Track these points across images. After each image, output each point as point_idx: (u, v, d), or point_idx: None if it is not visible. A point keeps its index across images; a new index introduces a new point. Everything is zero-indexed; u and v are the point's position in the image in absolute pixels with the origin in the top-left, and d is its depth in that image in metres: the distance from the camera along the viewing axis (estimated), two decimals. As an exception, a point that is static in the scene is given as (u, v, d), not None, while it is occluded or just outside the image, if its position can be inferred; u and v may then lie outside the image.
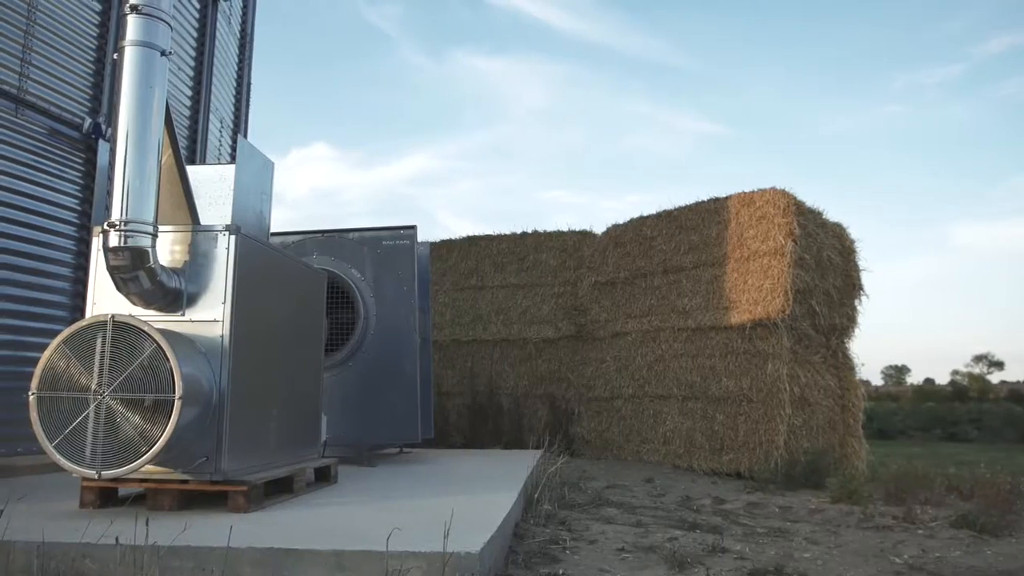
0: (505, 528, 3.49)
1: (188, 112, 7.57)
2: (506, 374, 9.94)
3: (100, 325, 3.38)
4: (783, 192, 7.64)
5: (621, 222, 9.48)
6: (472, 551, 2.66)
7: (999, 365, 55.63)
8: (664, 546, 3.81)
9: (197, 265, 3.76)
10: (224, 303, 3.69)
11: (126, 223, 3.43)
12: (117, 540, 2.60)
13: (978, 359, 55.69)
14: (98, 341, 3.35)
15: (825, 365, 7.84)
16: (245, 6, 9.47)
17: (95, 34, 6.12)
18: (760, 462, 7.07)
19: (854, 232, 8.26)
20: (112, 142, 3.55)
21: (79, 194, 5.97)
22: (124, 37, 3.56)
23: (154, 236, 3.52)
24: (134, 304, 3.62)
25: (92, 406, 3.30)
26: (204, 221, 4.05)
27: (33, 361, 3.46)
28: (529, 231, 10.32)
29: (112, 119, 3.99)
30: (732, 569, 3.39)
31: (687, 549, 3.74)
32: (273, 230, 5.15)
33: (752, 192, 7.93)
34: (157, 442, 3.29)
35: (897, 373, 65.62)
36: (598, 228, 9.93)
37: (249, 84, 9.49)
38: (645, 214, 9.14)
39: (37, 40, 5.52)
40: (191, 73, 7.63)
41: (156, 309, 3.67)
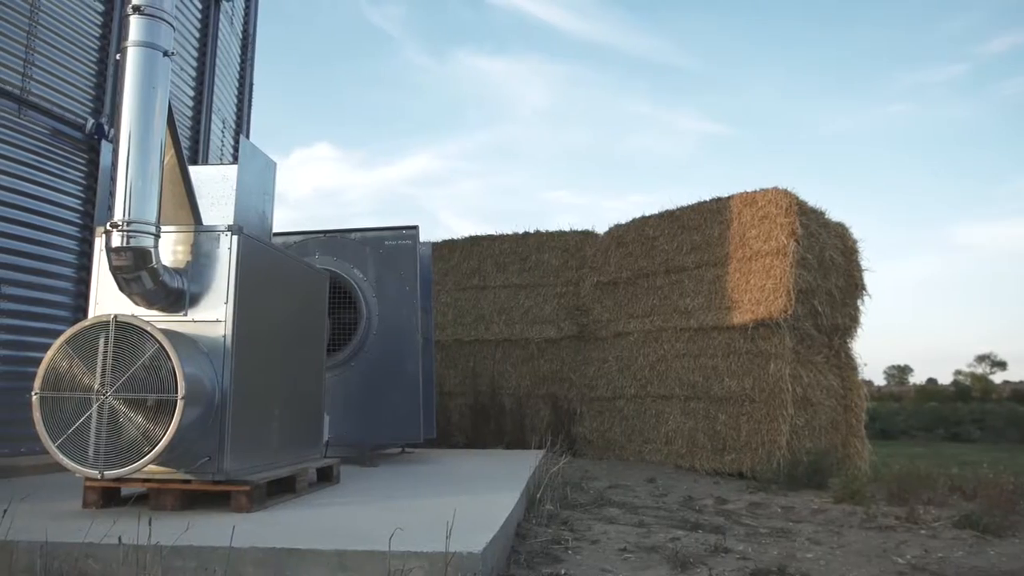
0: (507, 528, 3.49)
1: (190, 112, 7.58)
2: (508, 374, 9.93)
3: (103, 325, 3.38)
4: (785, 192, 7.63)
5: (623, 222, 9.48)
6: (474, 551, 2.66)
7: (1002, 365, 55.63)
8: (666, 546, 3.80)
9: (199, 265, 3.77)
10: (226, 303, 3.70)
11: (129, 223, 3.43)
12: (120, 540, 2.61)
13: (981, 359, 55.67)
14: (101, 341, 3.36)
15: (828, 365, 7.83)
16: (247, 6, 9.48)
17: (98, 35, 6.13)
18: (762, 462, 7.06)
19: (857, 232, 8.29)
20: (115, 143, 3.56)
21: (82, 194, 5.98)
22: (127, 37, 3.57)
23: (157, 236, 3.52)
24: (137, 304, 3.63)
25: (95, 406, 3.30)
26: (206, 221, 4.05)
27: (36, 361, 3.47)
28: (531, 231, 10.32)
29: (115, 120, 4.00)
30: (735, 569, 3.39)
31: (689, 549, 3.74)
32: (275, 230, 5.16)
33: (754, 192, 7.92)
34: (160, 442, 3.29)
35: (900, 373, 65.61)
36: (600, 228, 9.94)
37: (251, 84, 9.50)
38: (647, 214, 9.15)
39: (40, 41, 5.53)
40: (193, 73, 7.64)
41: (159, 309, 3.68)
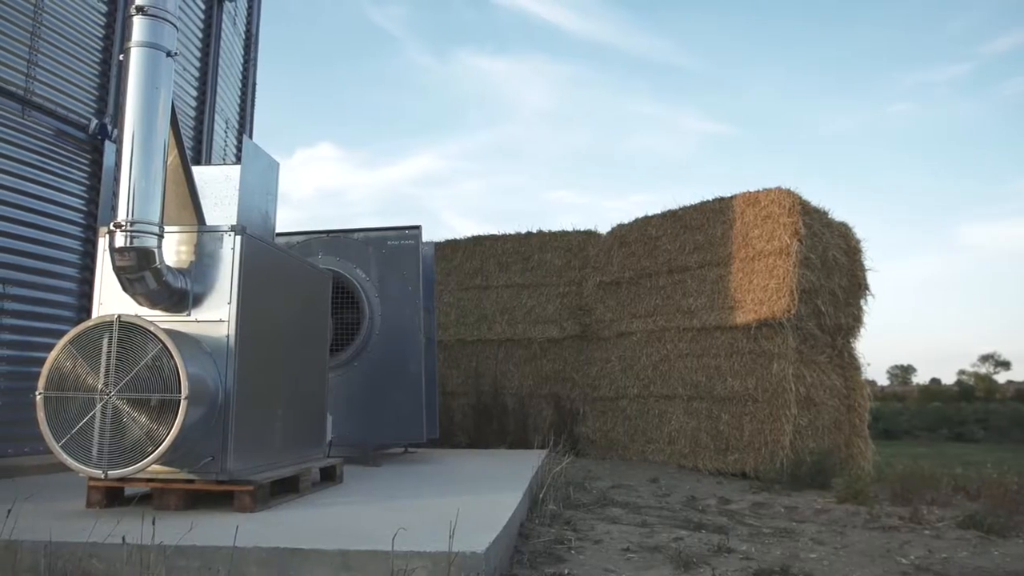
0: (510, 528, 3.49)
1: (194, 113, 7.59)
2: (511, 374, 9.93)
3: (106, 325, 3.39)
4: (788, 191, 7.62)
5: (626, 222, 9.48)
6: (477, 551, 2.66)
7: (1006, 365, 55.64)
8: (669, 546, 3.80)
9: (203, 265, 3.77)
10: (230, 303, 3.70)
11: (132, 224, 3.44)
12: (124, 540, 2.61)
13: (984, 359, 55.69)
14: (104, 341, 3.36)
15: (831, 365, 7.82)
16: (250, 7, 9.49)
17: (101, 35, 6.14)
18: (765, 462, 7.05)
19: (860, 231, 8.25)
20: (118, 143, 3.56)
21: (85, 195, 5.99)
22: (130, 38, 3.58)
23: (160, 236, 3.53)
24: (140, 304, 3.64)
25: (99, 406, 3.31)
26: (210, 221, 4.06)
27: (40, 361, 3.48)
28: (534, 231, 10.32)
29: (118, 120, 4.01)
30: (738, 569, 3.38)
31: (692, 549, 3.74)
32: (278, 230, 5.16)
33: (757, 192, 7.91)
34: (163, 442, 3.30)
35: (903, 373, 65.62)
36: (603, 228, 9.94)
37: (254, 84, 9.52)
38: (650, 214, 9.14)
39: (43, 41, 5.54)
40: (196, 74, 7.65)
41: (162, 309, 3.68)
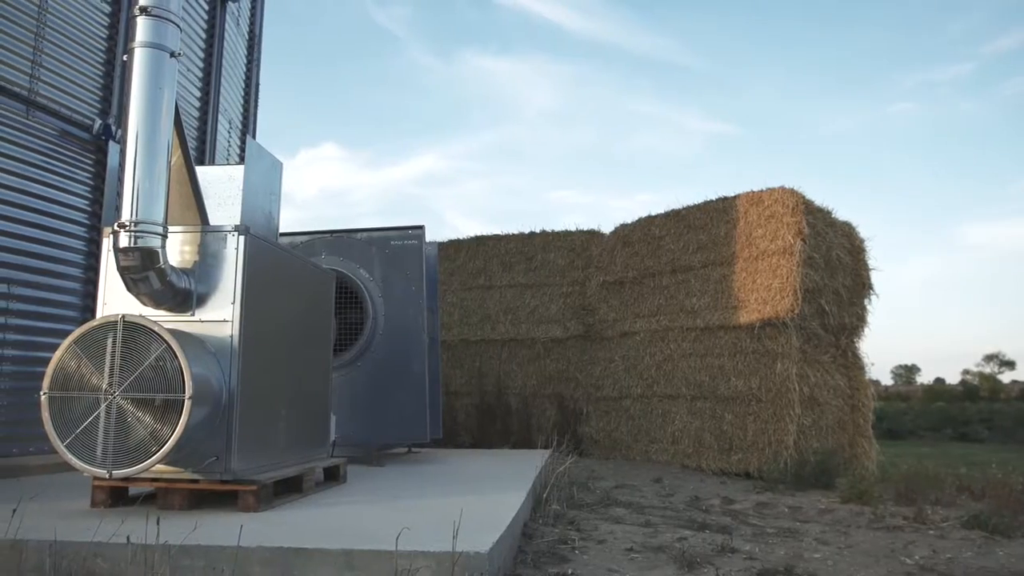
0: (514, 528, 3.49)
1: (197, 113, 7.60)
2: (514, 374, 9.93)
3: (111, 325, 3.39)
4: (792, 191, 7.61)
5: (629, 222, 9.48)
6: (481, 551, 2.66)
7: (1010, 365, 55.50)
8: (673, 546, 3.80)
9: (207, 265, 3.78)
10: (233, 303, 3.71)
11: (136, 224, 3.45)
12: (128, 539, 2.62)
13: (989, 359, 55.58)
14: (109, 341, 3.37)
15: (835, 365, 7.81)
16: (253, 7, 9.51)
17: (105, 36, 6.15)
18: (769, 462, 7.04)
19: (864, 231, 8.24)
20: (122, 143, 3.58)
21: (89, 195, 6.00)
22: (134, 39, 3.58)
23: (164, 237, 3.54)
24: (144, 304, 3.64)
25: (103, 406, 3.32)
26: (213, 222, 4.07)
27: (44, 361, 3.48)
28: (537, 231, 10.32)
29: (122, 120, 4.02)
30: (742, 569, 3.38)
31: (696, 549, 3.73)
32: (282, 230, 5.16)
33: (761, 191, 7.90)
34: (167, 442, 3.30)
35: (907, 373, 65.52)
36: (606, 228, 9.94)
37: (257, 85, 9.52)
38: (653, 213, 9.13)
39: (47, 42, 5.55)
40: (200, 74, 7.66)
41: (166, 309, 3.69)
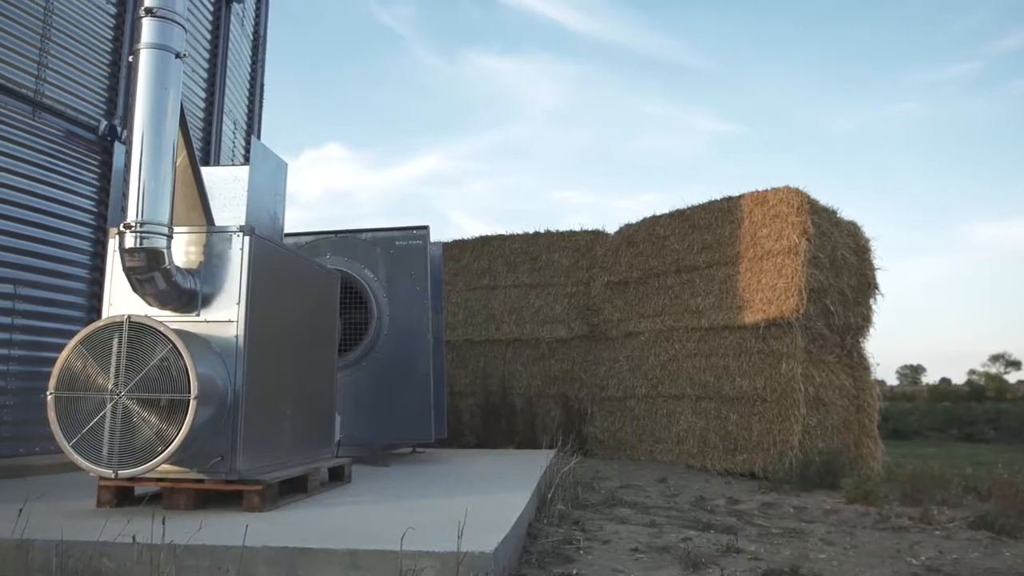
0: (519, 528, 3.49)
1: (202, 114, 7.62)
2: (519, 374, 9.93)
3: (116, 326, 3.40)
4: (797, 191, 7.59)
5: (634, 221, 9.46)
6: (486, 551, 2.66)
7: (1016, 365, 55.31)
8: (678, 546, 3.80)
9: (212, 266, 3.79)
10: (239, 304, 3.72)
11: (142, 224, 3.46)
12: (134, 539, 2.63)
13: (995, 358, 55.40)
14: (114, 341, 3.38)
15: (840, 365, 7.79)
16: (258, 8, 9.52)
17: (110, 37, 6.17)
18: (774, 462, 7.03)
19: (869, 231, 8.22)
20: (128, 144, 3.58)
21: (95, 196, 6.02)
22: (139, 40, 3.59)
23: (169, 237, 3.55)
24: (150, 305, 3.66)
25: (109, 406, 3.33)
26: (218, 222, 4.08)
27: (50, 361, 3.50)
28: (542, 231, 10.31)
29: (127, 121, 4.03)
30: (747, 570, 3.37)
31: (701, 549, 3.73)
32: (287, 231, 5.17)
33: (765, 191, 7.88)
34: (173, 442, 3.31)
35: (912, 373, 65.36)
36: (611, 228, 9.92)
37: (262, 85, 9.54)
38: (658, 213, 9.11)
39: (53, 43, 5.57)
40: (205, 75, 7.68)
41: (172, 310, 3.70)
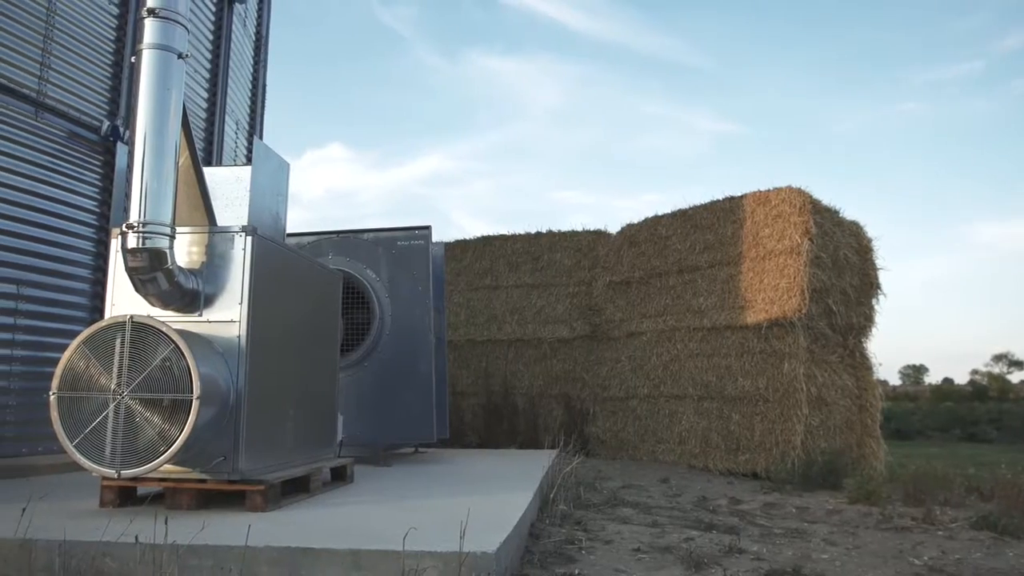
0: (521, 528, 3.49)
1: (204, 114, 7.63)
2: (521, 374, 9.93)
3: (119, 326, 3.41)
4: (799, 190, 7.58)
5: (636, 221, 9.45)
6: (488, 551, 2.67)
7: (1019, 364, 55.25)
8: (680, 546, 3.79)
9: (214, 266, 3.79)
10: (241, 304, 3.72)
11: (144, 225, 3.46)
12: (137, 539, 2.63)
13: (998, 358, 55.35)
14: (117, 342, 3.39)
15: (842, 365, 7.78)
16: (260, 8, 9.53)
17: (113, 37, 6.17)
18: (777, 462, 7.02)
19: (871, 230, 8.19)
20: (130, 144, 3.58)
21: (97, 196, 6.02)
22: (141, 40, 3.60)
23: (172, 237, 3.55)
24: (152, 305, 3.66)
25: (112, 406, 3.33)
26: (221, 222, 4.08)
27: (53, 362, 3.50)
28: (543, 231, 10.32)
29: (130, 122, 4.03)
30: (749, 570, 3.37)
31: (703, 550, 3.73)
32: (289, 231, 5.18)
33: (767, 191, 7.88)
34: (175, 442, 3.32)
35: (915, 373, 65.32)
36: (613, 228, 9.92)
37: (264, 86, 9.54)
38: (660, 213, 9.11)
39: (56, 44, 5.58)
40: (207, 75, 7.68)
41: (174, 310, 3.70)
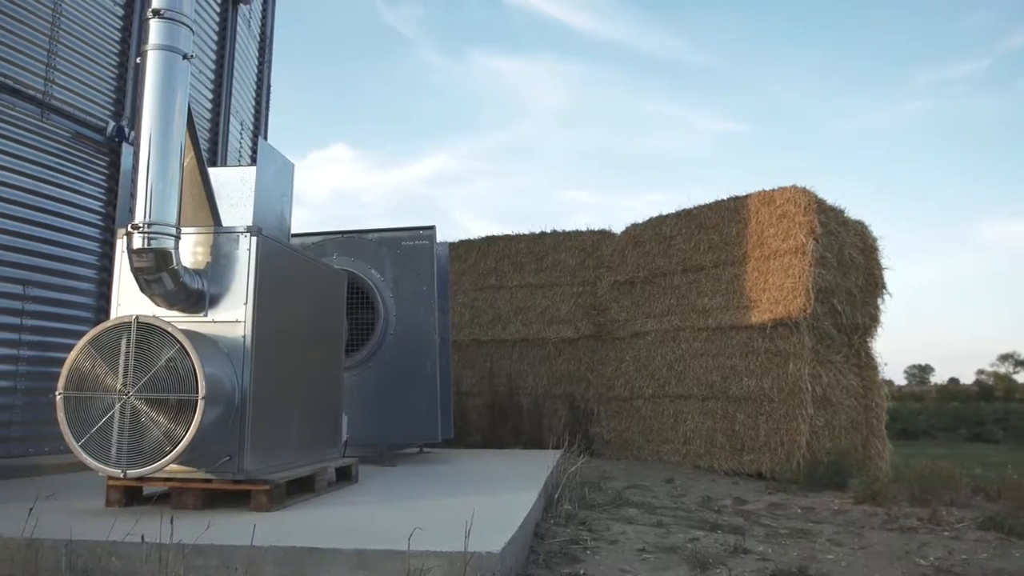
0: (526, 528, 3.49)
1: (209, 115, 7.64)
2: (525, 374, 9.93)
3: (124, 326, 3.42)
4: (804, 190, 7.56)
5: (640, 221, 9.45)
6: (493, 551, 2.67)
7: (1025, 364, 54.92)
8: (685, 547, 3.79)
9: (219, 266, 3.80)
10: (246, 304, 3.73)
11: (149, 225, 3.47)
12: (143, 538, 2.64)
13: (1004, 358, 55.10)
14: (123, 342, 3.40)
15: (847, 364, 7.76)
16: (264, 9, 9.55)
17: (118, 39, 6.19)
18: (782, 462, 7.01)
19: (876, 230, 8.16)
20: (135, 145, 3.60)
21: (103, 197, 6.04)
22: (146, 41, 3.61)
23: (177, 238, 3.56)
24: (158, 305, 3.67)
25: (117, 406, 3.34)
26: (226, 223, 4.09)
27: (59, 362, 3.51)
28: (548, 231, 10.30)
29: (135, 122, 4.05)
30: (754, 570, 3.36)
31: (709, 550, 3.72)
32: (293, 231, 5.18)
33: (772, 190, 7.86)
34: (181, 441, 3.32)
35: (921, 372, 65.08)
36: (617, 227, 9.91)
37: (269, 86, 9.56)
38: (664, 213, 9.10)
39: (61, 45, 5.59)
40: (212, 76, 7.70)
41: (179, 310, 3.71)
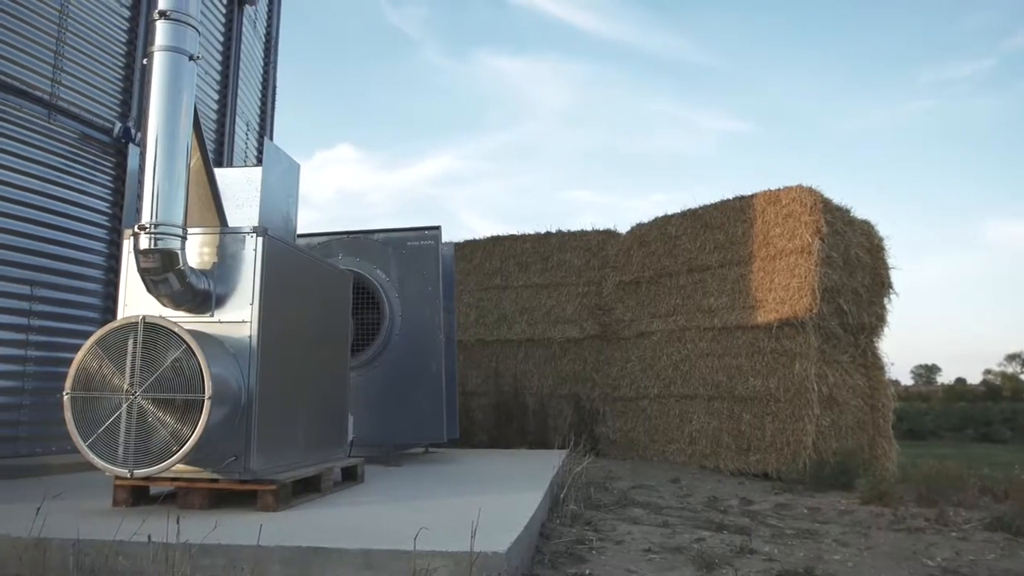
0: (531, 528, 3.49)
1: (215, 115, 7.66)
2: (531, 374, 9.93)
3: (131, 326, 3.43)
4: (810, 189, 7.54)
5: (645, 221, 9.43)
6: (499, 551, 2.67)
7: (1032, 364, 54.69)
8: (691, 547, 3.78)
9: (225, 267, 3.81)
10: (252, 304, 3.74)
11: (156, 226, 3.48)
12: (149, 538, 2.65)
13: (1011, 358, 54.90)
14: (130, 342, 3.41)
15: (854, 364, 7.73)
16: (270, 10, 9.56)
17: (124, 40, 6.22)
18: (788, 463, 6.99)
19: (883, 229, 8.13)
20: (142, 146, 3.61)
21: (110, 197, 6.07)
22: (153, 42, 3.62)
23: (183, 238, 3.57)
24: (164, 305, 3.68)
25: (124, 406, 3.35)
26: (232, 223, 4.10)
27: (66, 362, 3.53)
28: (553, 231, 10.31)
29: (142, 123, 4.05)
30: (761, 571, 3.36)
31: (715, 550, 3.72)
32: (299, 231, 5.19)
33: (778, 190, 7.84)
34: (188, 441, 3.33)
35: (927, 372, 64.90)
36: (622, 227, 9.90)
37: (274, 87, 9.58)
38: (670, 213, 9.09)
39: (68, 47, 5.62)
40: (218, 77, 7.72)
41: (186, 310, 3.72)
